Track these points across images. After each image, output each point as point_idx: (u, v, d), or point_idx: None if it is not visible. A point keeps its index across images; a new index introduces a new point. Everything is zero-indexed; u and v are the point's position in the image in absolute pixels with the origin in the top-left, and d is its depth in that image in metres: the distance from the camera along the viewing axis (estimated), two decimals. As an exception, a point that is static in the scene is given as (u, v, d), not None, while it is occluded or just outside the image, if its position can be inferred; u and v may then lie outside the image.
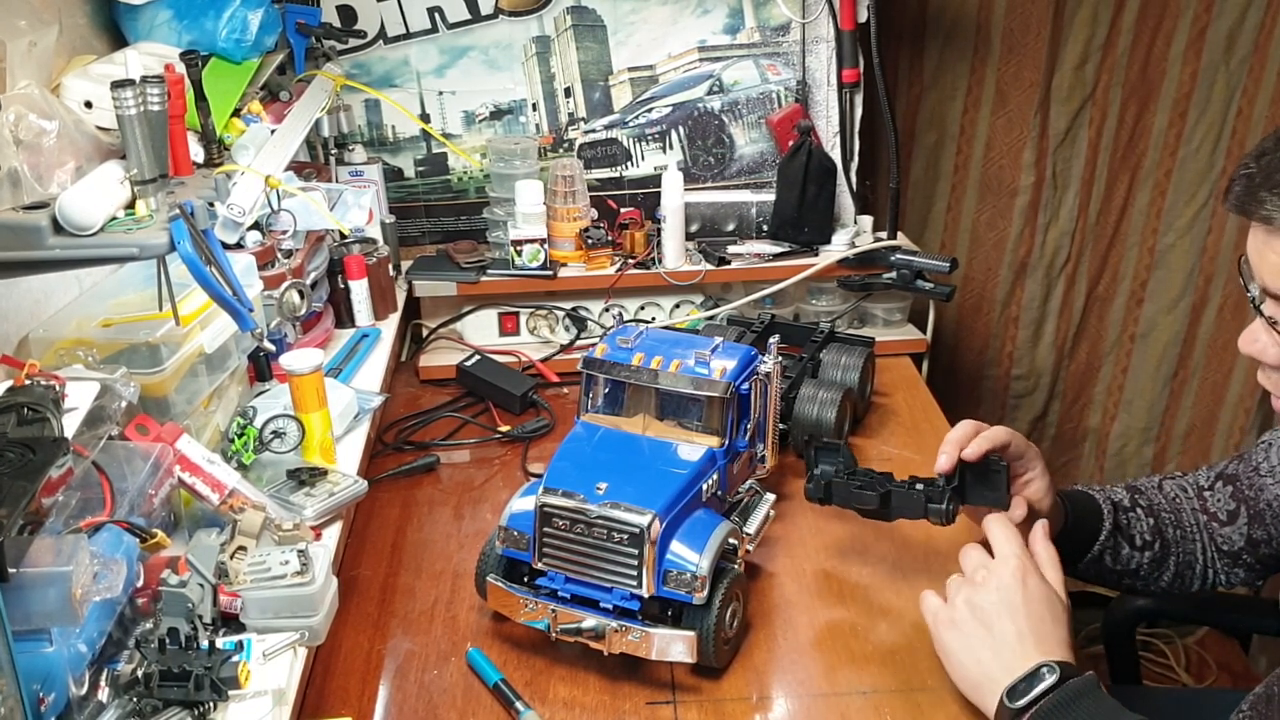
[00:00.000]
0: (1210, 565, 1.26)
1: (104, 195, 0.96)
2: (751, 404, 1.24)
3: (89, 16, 1.35)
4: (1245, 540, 1.23)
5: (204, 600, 1.00)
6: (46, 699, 0.82)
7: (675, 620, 1.10)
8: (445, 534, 1.41)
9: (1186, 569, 1.26)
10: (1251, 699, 1.18)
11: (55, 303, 1.22)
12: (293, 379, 1.27)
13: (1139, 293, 2.27)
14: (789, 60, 1.91)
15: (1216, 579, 1.27)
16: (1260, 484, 1.21)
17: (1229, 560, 1.25)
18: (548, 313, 1.86)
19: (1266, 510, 1.20)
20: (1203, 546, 1.25)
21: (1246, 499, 1.22)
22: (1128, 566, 1.24)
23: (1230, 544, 1.24)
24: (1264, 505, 1.20)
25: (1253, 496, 1.21)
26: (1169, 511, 1.26)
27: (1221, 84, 2.07)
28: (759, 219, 1.90)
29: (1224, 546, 1.24)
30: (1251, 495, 1.21)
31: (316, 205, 1.44)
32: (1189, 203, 2.17)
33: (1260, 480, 1.21)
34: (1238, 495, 1.23)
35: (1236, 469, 1.24)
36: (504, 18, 1.87)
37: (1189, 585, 1.27)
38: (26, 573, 0.80)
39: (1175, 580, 1.26)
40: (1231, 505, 1.23)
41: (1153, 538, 1.24)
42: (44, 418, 0.89)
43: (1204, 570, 1.26)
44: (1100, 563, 1.23)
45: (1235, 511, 1.23)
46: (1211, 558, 1.25)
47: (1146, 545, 1.23)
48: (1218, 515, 1.24)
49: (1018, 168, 2.19)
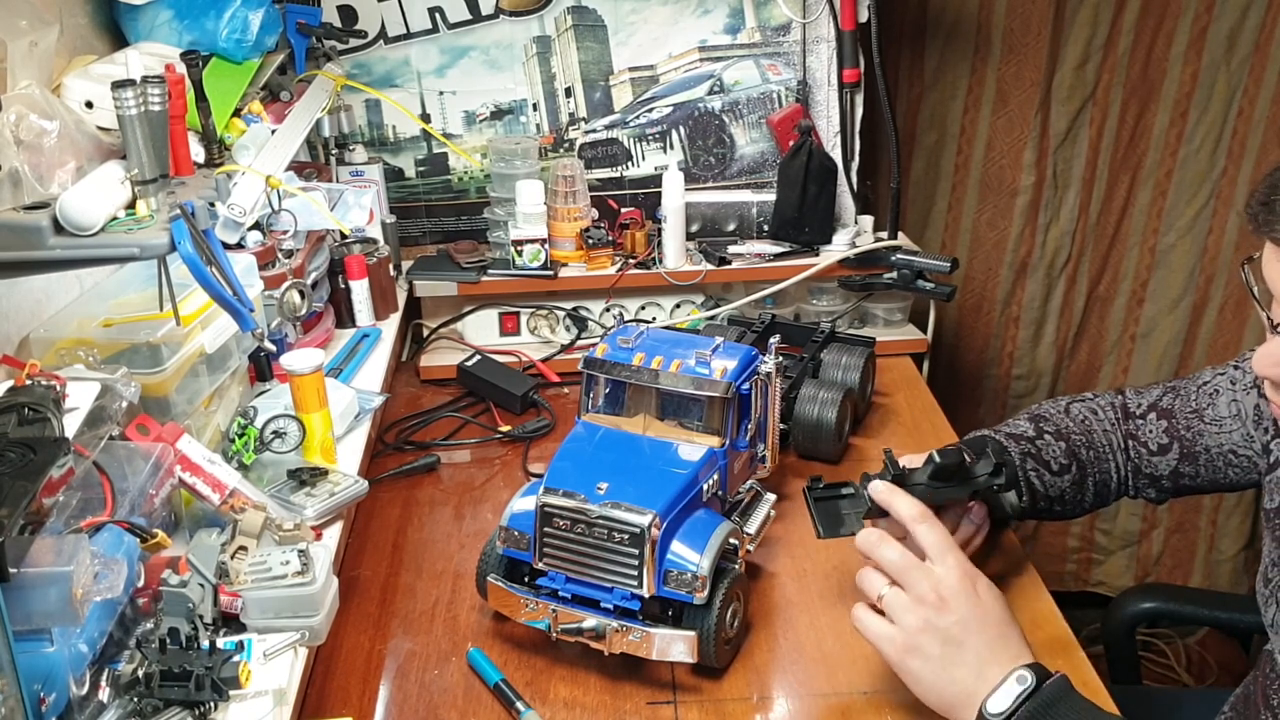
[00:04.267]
0: (1125, 482, 1.29)
1: (105, 195, 0.96)
2: (752, 404, 1.24)
3: (90, 16, 1.35)
4: (1171, 471, 1.26)
5: (205, 600, 1.00)
6: (47, 699, 0.82)
7: (676, 620, 1.10)
8: (446, 534, 1.41)
9: (1103, 487, 1.29)
10: (1232, 700, 1.19)
11: (56, 303, 1.22)
12: (293, 379, 1.27)
13: (1140, 293, 2.27)
14: (790, 60, 1.91)
15: (1131, 493, 1.30)
16: (1200, 429, 1.23)
17: (1146, 480, 1.28)
18: (548, 313, 1.86)
19: (1202, 454, 1.23)
20: (1116, 466, 1.28)
21: (1181, 438, 1.24)
22: (1051, 492, 1.25)
23: (1154, 469, 1.27)
24: (1200, 449, 1.23)
25: (1190, 438, 1.24)
26: (1079, 433, 1.28)
27: (1222, 84, 2.07)
28: (759, 219, 1.90)
29: (1146, 470, 1.27)
30: (1189, 437, 1.24)
31: (317, 205, 1.44)
32: (1190, 203, 2.17)
33: (1201, 426, 1.23)
34: (1171, 431, 1.25)
35: (1172, 404, 1.26)
36: (505, 18, 1.87)
37: (1106, 501, 1.31)
38: (27, 573, 0.80)
39: (1096, 500, 1.29)
40: (1164, 440, 1.25)
41: (1068, 460, 1.26)
42: (45, 418, 0.89)
43: (1119, 487, 1.30)
44: (1034, 496, 1.24)
45: (1168, 446, 1.25)
46: (1127, 475, 1.29)
47: (1063, 469, 1.25)
48: (1148, 444, 1.27)
49: (1018, 167, 2.19)
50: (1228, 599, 1.64)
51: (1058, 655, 1.14)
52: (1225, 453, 1.22)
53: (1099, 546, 2.46)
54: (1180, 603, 1.60)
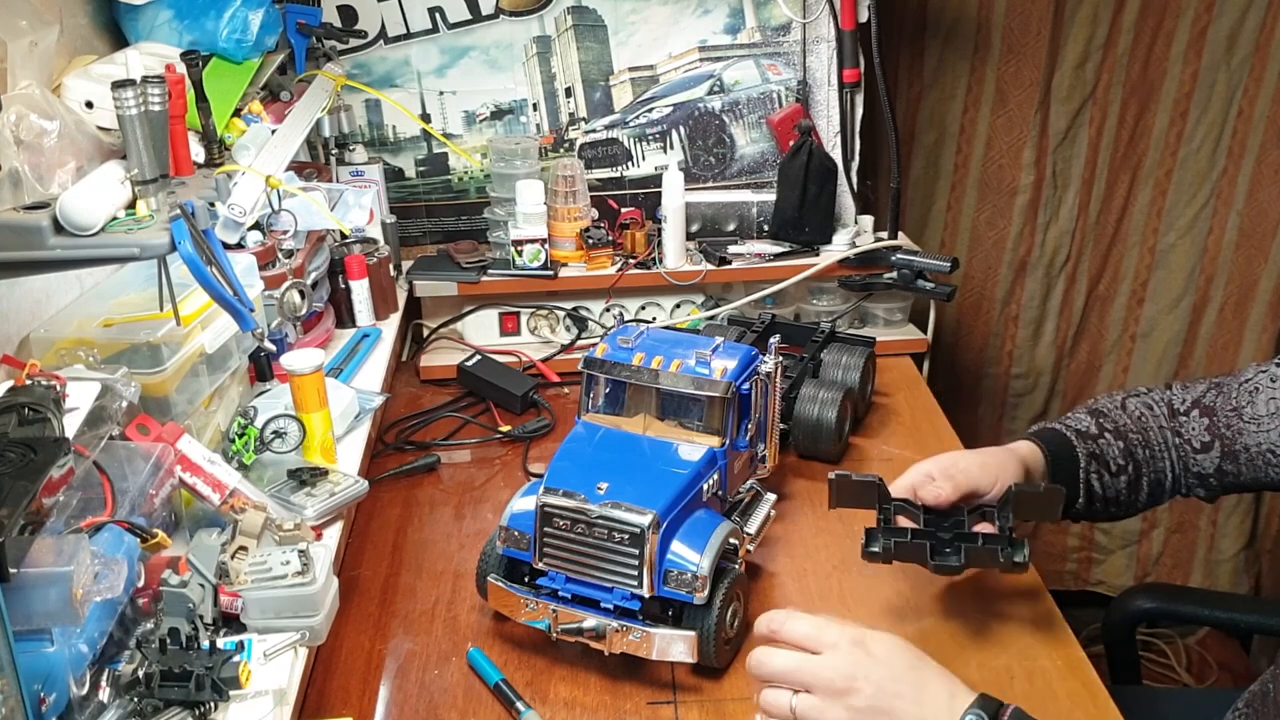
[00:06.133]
0: (1179, 481, 1.28)
1: (105, 195, 0.96)
2: (752, 404, 1.24)
3: (90, 17, 1.35)
4: (1215, 469, 1.25)
5: (205, 600, 1.00)
6: (47, 699, 0.82)
7: (676, 620, 1.10)
8: (446, 534, 1.41)
9: (1157, 486, 1.27)
10: (1247, 696, 1.18)
11: (56, 303, 1.22)
12: (294, 379, 1.27)
13: (1140, 292, 2.27)
14: (790, 60, 1.91)
15: (1181, 492, 1.29)
16: (1240, 427, 1.22)
17: (1195, 479, 1.27)
18: (548, 313, 1.86)
19: (1243, 453, 1.22)
20: (1171, 464, 1.27)
21: (1223, 436, 1.23)
22: (1109, 494, 1.24)
23: (1200, 468, 1.26)
24: (1240, 448, 1.22)
25: (1230, 436, 1.23)
26: (1136, 432, 1.27)
27: (1222, 84, 2.07)
28: (760, 219, 1.90)
29: (1194, 469, 1.26)
30: (1229, 435, 1.23)
31: (317, 205, 1.44)
32: (1190, 202, 2.17)
33: (1241, 424, 1.22)
34: (1214, 430, 1.24)
35: (1215, 401, 1.25)
36: (505, 18, 1.87)
37: (1161, 499, 1.29)
38: (27, 573, 0.80)
39: (1150, 499, 1.28)
40: (1206, 438, 1.24)
41: (1125, 461, 1.24)
42: (45, 418, 0.89)
43: (1173, 485, 1.28)
44: (1090, 498, 1.23)
45: (1210, 444, 1.24)
46: (1180, 474, 1.27)
47: (1121, 469, 1.24)
48: (1191, 442, 1.26)
49: (1018, 167, 2.19)
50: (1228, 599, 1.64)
51: (1057, 655, 1.14)
52: (1265, 452, 1.19)
53: (1099, 546, 2.46)
54: (1180, 602, 1.60)
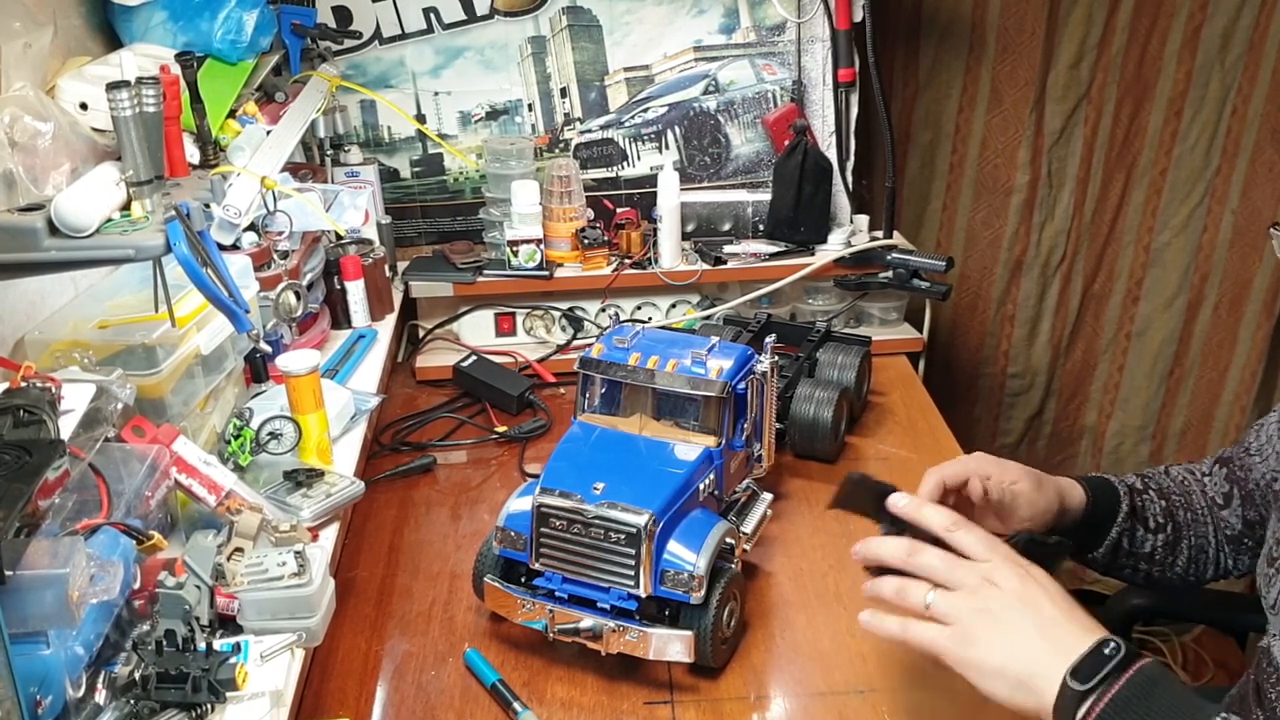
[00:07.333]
0: (1220, 550, 1.24)
1: (99, 197, 0.96)
2: (748, 403, 1.24)
3: (84, 18, 1.35)
4: (1242, 523, 1.22)
5: (201, 602, 1.00)
6: (44, 701, 0.82)
7: (673, 620, 1.10)
8: (442, 535, 1.41)
9: (1200, 553, 1.23)
10: (1226, 701, 1.19)
11: (51, 304, 1.22)
12: (289, 380, 1.27)
13: (1135, 291, 2.28)
14: (784, 60, 1.91)
15: (1227, 565, 1.24)
16: (1249, 464, 1.20)
17: (1234, 546, 1.24)
18: (544, 313, 1.86)
19: (1255, 490, 1.19)
20: (1213, 530, 1.24)
21: (1238, 480, 1.22)
22: (1142, 549, 1.21)
23: (1231, 528, 1.23)
24: (1252, 485, 1.20)
25: (1243, 477, 1.22)
26: (1178, 494, 1.25)
27: (1216, 83, 2.08)
28: (755, 219, 1.90)
29: (1226, 531, 1.24)
30: (1242, 476, 1.22)
31: (312, 206, 1.44)
32: (1184, 201, 2.17)
33: (1249, 460, 1.20)
34: (1231, 477, 1.23)
35: (1231, 452, 1.25)
36: (499, 18, 1.87)
37: (1203, 571, 1.24)
38: (23, 575, 0.80)
39: (1190, 566, 1.23)
40: (1226, 488, 1.23)
41: (1165, 519, 1.22)
42: (40, 420, 0.89)
43: (1216, 555, 1.24)
44: (1117, 548, 1.20)
45: (1230, 494, 1.23)
46: (1220, 543, 1.24)
47: (1159, 527, 1.22)
48: (1215, 499, 1.24)
49: (1013, 166, 2.20)
50: (1224, 596, 1.64)
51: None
52: (1270, 481, 1.15)
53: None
54: (1176, 600, 1.60)
